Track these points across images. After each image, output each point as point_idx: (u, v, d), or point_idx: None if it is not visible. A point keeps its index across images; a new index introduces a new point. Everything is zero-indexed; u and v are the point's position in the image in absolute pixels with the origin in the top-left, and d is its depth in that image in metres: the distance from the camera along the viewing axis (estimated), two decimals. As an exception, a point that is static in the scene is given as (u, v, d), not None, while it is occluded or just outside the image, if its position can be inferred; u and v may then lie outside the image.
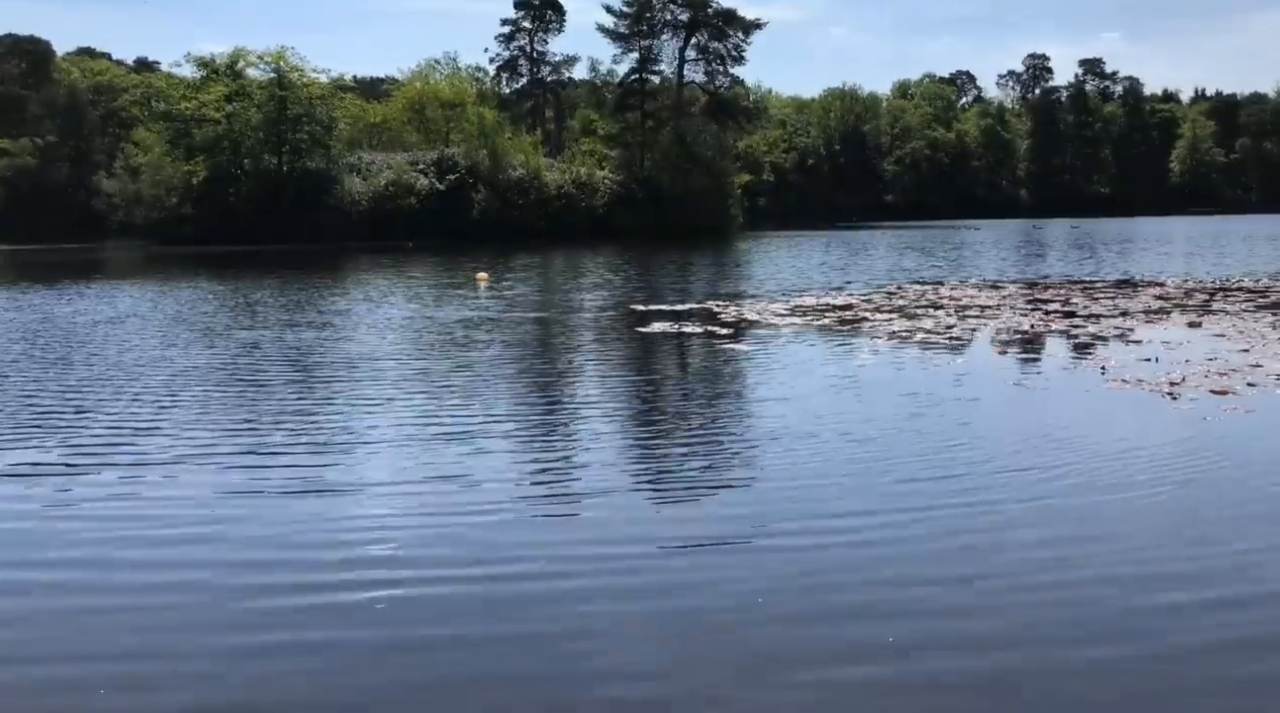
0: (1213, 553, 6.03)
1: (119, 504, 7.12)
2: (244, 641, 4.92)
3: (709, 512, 6.97)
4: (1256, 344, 13.60)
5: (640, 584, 5.66)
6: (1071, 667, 4.61)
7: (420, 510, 6.93)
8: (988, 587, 5.55)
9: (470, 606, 5.37)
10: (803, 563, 5.90)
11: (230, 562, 5.99)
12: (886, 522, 6.58)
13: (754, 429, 9.30)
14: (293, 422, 9.76)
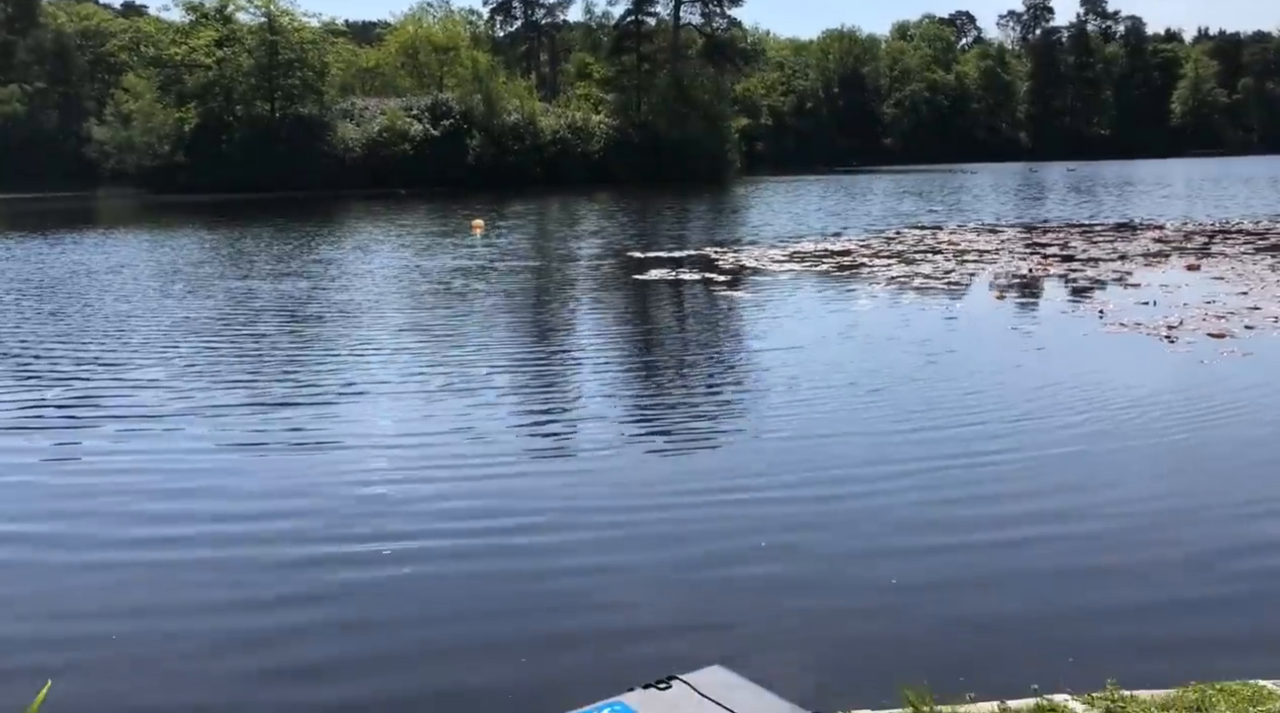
0: (1211, 498, 6.07)
1: (120, 458, 7.14)
2: (251, 593, 4.94)
3: (710, 460, 6.99)
4: (1255, 287, 13.59)
5: (642, 532, 5.69)
6: (1071, 610, 4.66)
7: (421, 461, 6.95)
8: (987, 531, 5.60)
9: (473, 553, 5.40)
10: (804, 509, 5.94)
11: (234, 514, 6.01)
12: (886, 470, 6.60)
13: (753, 377, 9.31)
14: (290, 373, 9.75)
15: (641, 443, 7.28)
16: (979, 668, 3.94)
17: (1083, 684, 3.30)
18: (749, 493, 6.19)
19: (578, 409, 8.31)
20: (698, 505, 5.99)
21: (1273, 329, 10.73)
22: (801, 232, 24.09)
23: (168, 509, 6.11)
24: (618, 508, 6.05)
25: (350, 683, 4.00)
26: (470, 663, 4.22)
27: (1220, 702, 3.14)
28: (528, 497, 6.20)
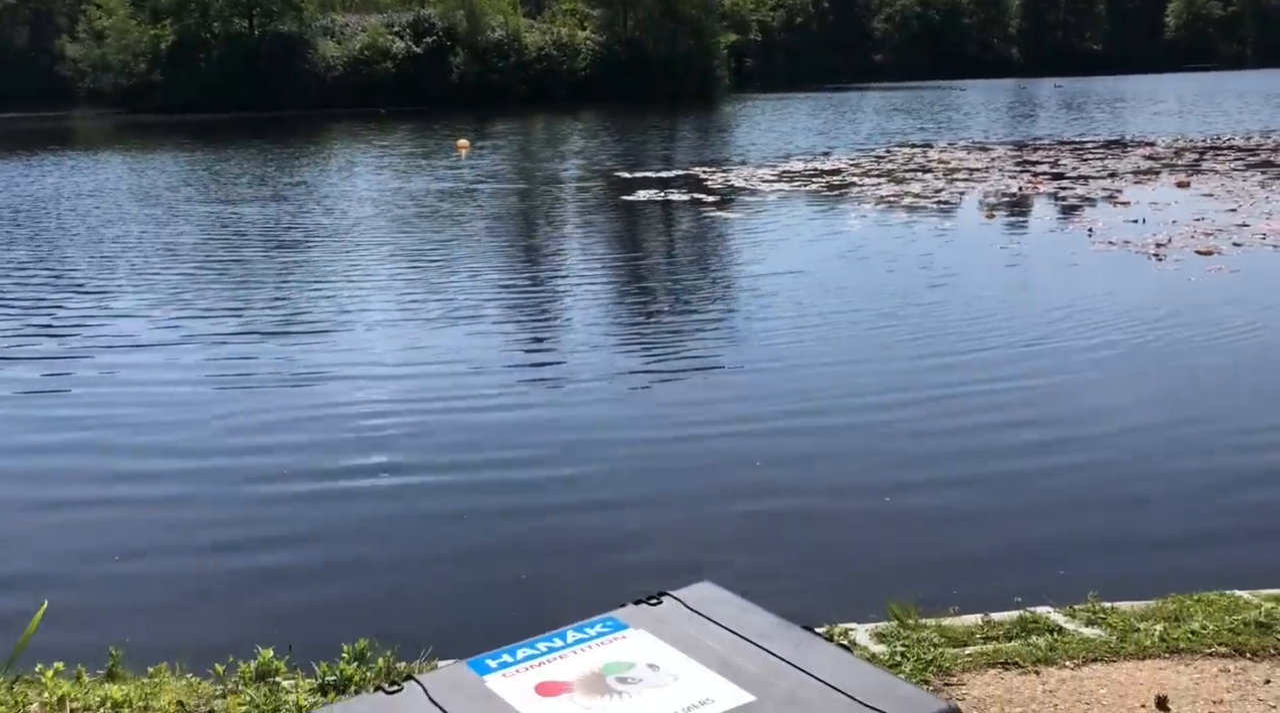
0: (1193, 417, 6.14)
1: (107, 390, 7.08)
2: (242, 525, 4.92)
3: (700, 385, 7.01)
4: (1244, 204, 13.56)
5: (634, 456, 5.73)
6: (1056, 529, 4.73)
7: (411, 388, 6.95)
8: (973, 453, 5.66)
9: (465, 479, 5.42)
10: (794, 432, 5.97)
11: (223, 447, 5.96)
12: (875, 394, 6.64)
13: (743, 302, 9.30)
14: (276, 300, 9.69)
15: (632, 369, 7.29)
16: (964, 584, 4.02)
17: (1065, 598, 3.36)
18: (741, 418, 6.22)
19: (568, 336, 8.30)
20: (689, 430, 6.02)
21: (1260, 246, 10.74)
22: (791, 150, 23.84)
23: (156, 441, 6.07)
24: (610, 433, 6.08)
25: (344, 612, 4.03)
26: (465, 583, 4.28)
27: (1198, 611, 3.21)
28: (519, 422, 6.22)
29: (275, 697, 2.65)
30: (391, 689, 1.70)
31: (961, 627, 3.16)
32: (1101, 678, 2.83)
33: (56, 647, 2.95)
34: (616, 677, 1.70)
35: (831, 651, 1.79)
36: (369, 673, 2.78)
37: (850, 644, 2.99)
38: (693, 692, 1.64)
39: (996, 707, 2.68)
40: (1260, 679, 2.82)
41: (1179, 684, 2.79)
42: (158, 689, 2.73)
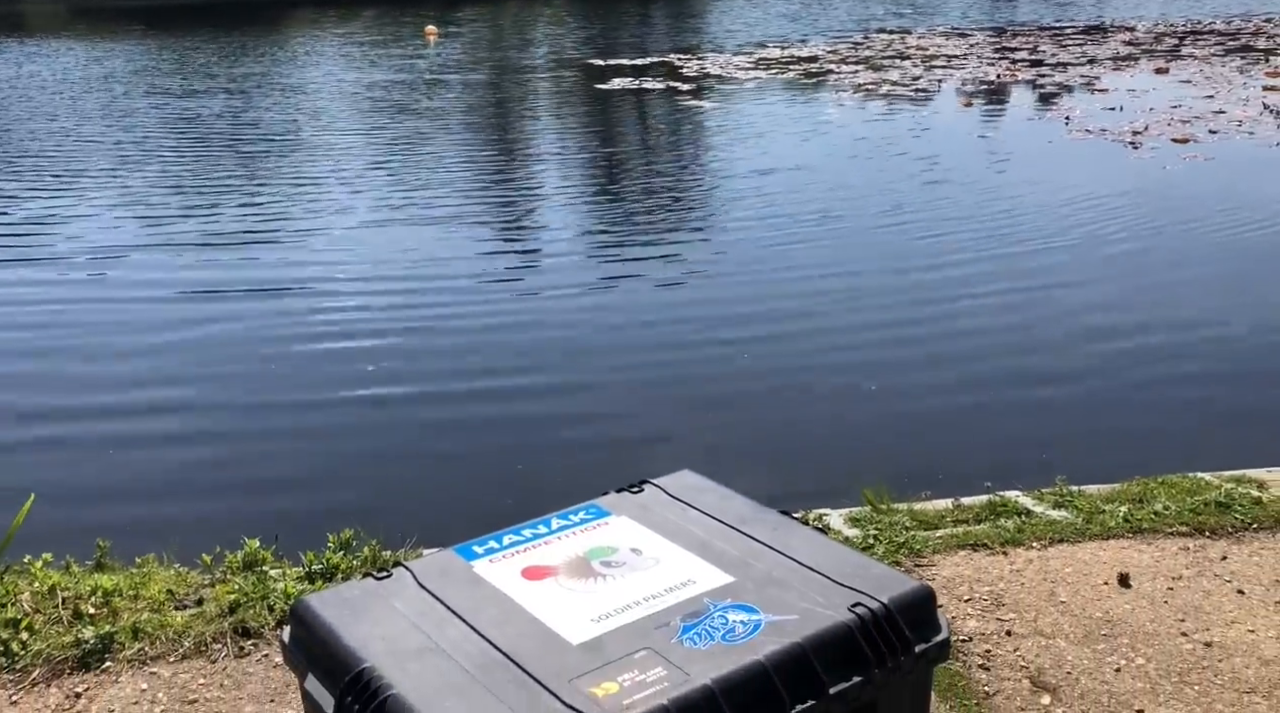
0: (1161, 304, 6.22)
1: (80, 307, 6.92)
2: (225, 428, 4.91)
3: (680, 279, 7.00)
4: (1221, 90, 13.47)
5: (612, 351, 5.75)
6: (1026, 417, 4.83)
7: (386, 287, 6.87)
8: (948, 340, 5.72)
9: (445, 375, 5.43)
10: (774, 329, 5.99)
11: (203, 352, 5.91)
12: (853, 284, 6.67)
13: (721, 194, 9.23)
14: (242, 202, 9.49)
15: (610, 265, 7.26)
16: (937, 471, 4.11)
17: (1034, 483, 3.46)
18: (719, 312, 6.24)
19: (544, 232, 8.22)
20: (667, 325, 6.05)
21: (1236, 133, 10.71)
22: (766, 37, 23.32)
23: (133, 344, 6.01)
24: (588, 329, 6.09)
25: (328, 507, 4.07)
26: (449, 478, 4.34)
27: (1161, 493, 3.31)
28: (497, 320, 6.21)
29: (264, 585, 2.70)
30: (380, 575, 1.74)
31: (933, 511, 3.25)
32: (1067, 558, 2.93)
33: (43, 539, 2.98)
34: (601, 561, 1.74)
35: (807, 534, 1.84)
36: (355, 562, 2.84)
37: (825, 528, 3.07)
38: (674, 574, 1.69)
39: (965, 586, 2.77)
40: (1218, 556, 2.93)
41: (1141, 562, 2.89)
42: (147, 579, 2.78)
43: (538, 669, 1.46)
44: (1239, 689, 2.35)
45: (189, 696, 2.34)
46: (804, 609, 1.59)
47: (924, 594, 1.66)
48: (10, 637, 2.51)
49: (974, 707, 2.28)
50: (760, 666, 1.47)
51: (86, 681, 2.39)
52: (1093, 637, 2.54)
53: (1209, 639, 2.53)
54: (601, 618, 1.57)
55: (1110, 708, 2.28)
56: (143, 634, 2.53)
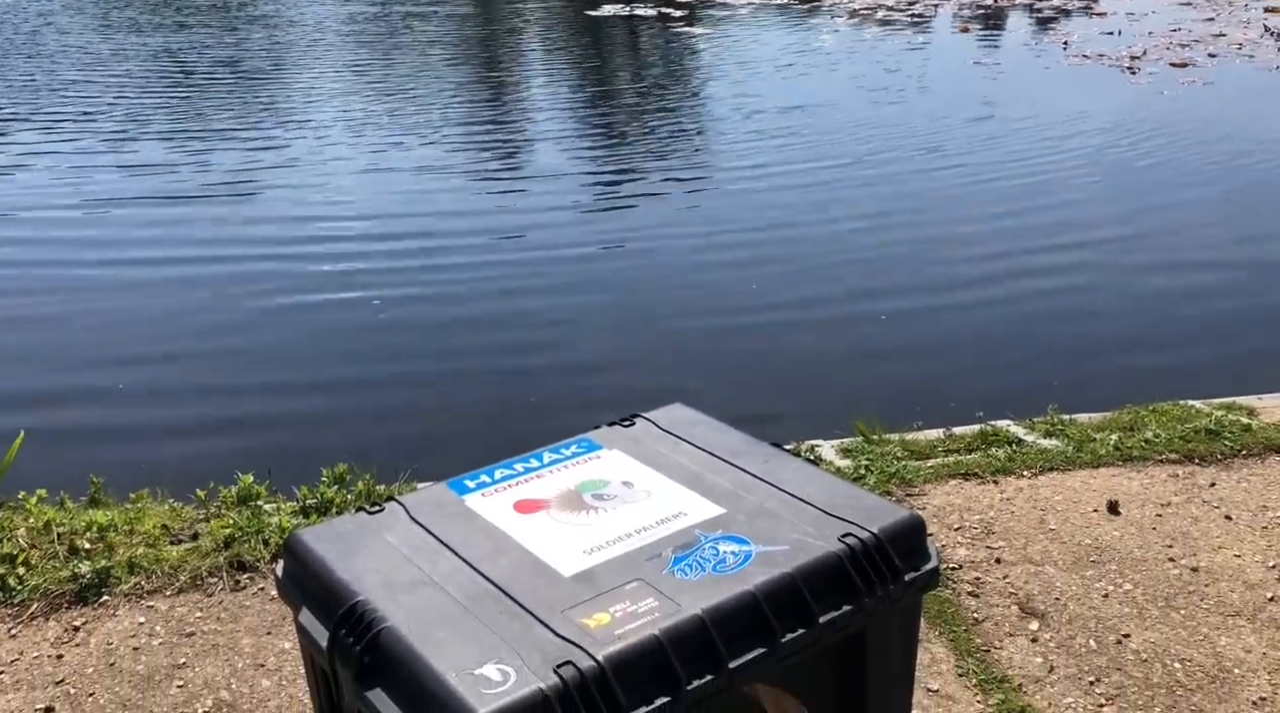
0: (1153, 230, 6.19)
1: (65, 214, 6.91)
2: (214, 362, 4.89)
3: (674, 207, 6.94)
4: (1222, 12, 13.27)
5: (603, 281, 5.72)
6: (1018, 346, 4.83)
7: (374, 221, 6.80)
8: (942, 268, 5.70)
9: (435, 314, 5.38)
10: (767, 260, 5.94)
11: (191, 283, 5.91)
12: (848, 212, 6.62)
13: (715, 122, 9.11)
14: (230, 128, 9.37)
15: (602, 198, 7.19)
16: (928, 401, 4.12)
17: (1025, 411, 3.47)
18: (712, 242, 6.19)
19: (534, 161, 8.13)
20: (660, 256, 6.01)
21: (1236, 57, 10.57)
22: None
23: (116, 276, 5.96)
24: (579, 262, 6.04)
25: (320, 441, 4.06)
26: (440, 412, 4.33)
27: (1151, 421, 3.32)
28: (488, 252, 6.16)
29: (258, 519, 2.71)
30: (373, 510, 1.74)
31: (924, 441, 3.26)
32: (1057, 486, 2.95)
33: (36, 475, 2.99)
34: (592, 494, 1.74)
35: (799, 465, 1.84)
36: (349, 496, 2.85)
37: (817, 460, 3.09)
38: (666, 506, 1.70)
39: (956, 515, 2.80)
40: (1206, 483, 2.96)
41: (1130, 490, 2.91)
42: (141, 514, 2.79)
43: (529, 601, 1.47)
44: (1224, 613, 2.38)
45: (186, 628, 2.36)
46: (795, 540, 1.60)
47: (914, 524, 1.67)
48: (7, 572, 2.52)
49: (963, 633, 2.31)
50: (751, 596, 1.48)
51: (84, 614, 2.41)
52: (1081, 563, 2.57)
53: (1196, 565, 2.56)
54: (593, 550, 1.58)
55: (1097, 633, 2.32)
56: (139, 569, 2.54)
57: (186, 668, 2.23)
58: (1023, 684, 2.16)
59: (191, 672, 2.22)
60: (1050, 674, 2.19)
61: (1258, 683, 2.16)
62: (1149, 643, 2.28)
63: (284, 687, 2.16)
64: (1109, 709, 2.09)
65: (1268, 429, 3.22)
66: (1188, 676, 2.18)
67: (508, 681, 1.33)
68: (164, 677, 2.21)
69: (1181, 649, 2.26)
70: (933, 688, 2.14)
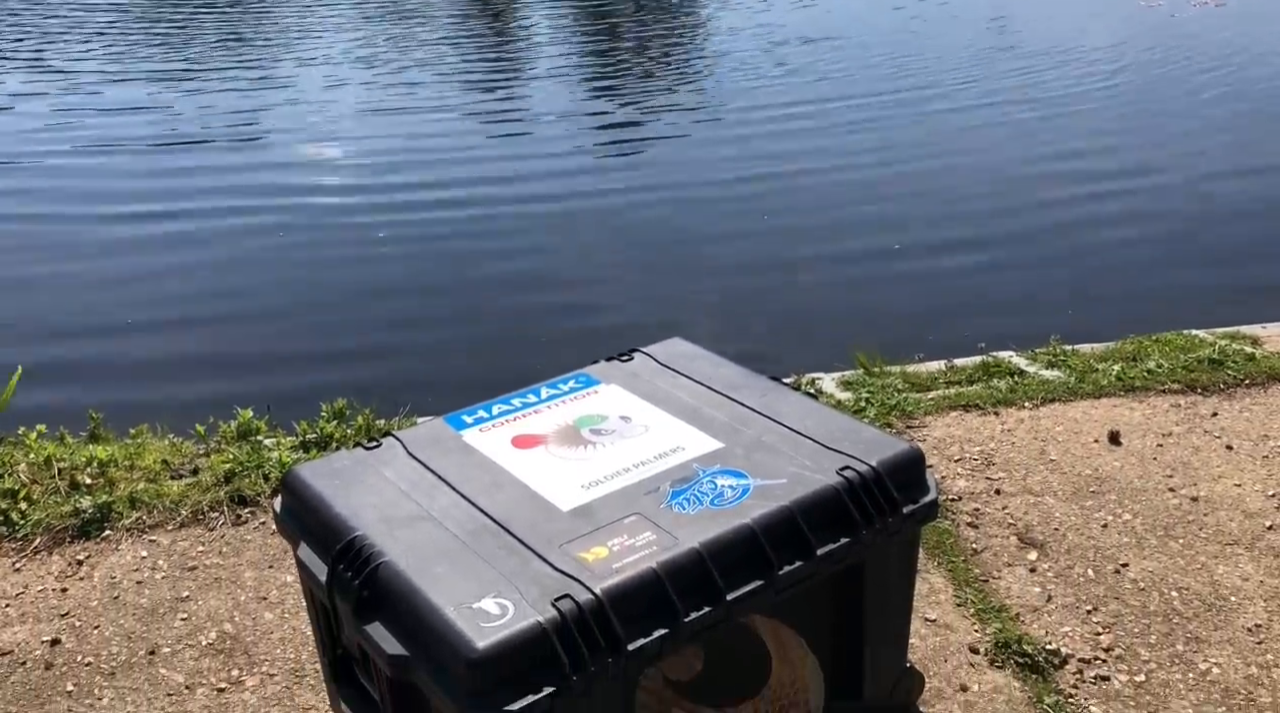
0: (1160, 157, 6.11)
1: (55, 147, 6.84)
2: (210, 294, 4.87)
3: (672, 145, 6.85)
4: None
5: (605, 216, 5.67)
6: (1020, 276, 4.79)
7: (373, 155, 6.73)
8: (942, 201, 5.64)
9: (435, 249, 5.33)
10: (766, 192, 5.88)
11: (188, 208, 5.85)
12: (849, 144, 6.53)
13: (714, 54, 8.94)
14: (226, 62, 9.21)
15: (602, 130, 7.10)
16: (930, 333, 4.10)
17: (1027, 342, 3.45)
18: (709, 176, 6.12)
19: (533, 100, 7.99)
20: (658, 190, 5.94)
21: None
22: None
23: (112, 211, 5.91)
24: (578, 197, 5.97)
25: (319, 376, 4.06)
26: (439, 347, 4.32)
27: (1154, 351, 3.30)
28: (487, 190, 6.08)
29: (258, 454, 2.72)
30: (371, 445, 1.74)
31: (925, 373, 3.25)
32: (1058, 417, 2.94)
33: (33, 414, 2.98)
34: (590, 429, 1.73)
35: (797, 399, 1.83)
36: (348, 431, 2.85)
37: (817, 393, 3.08)
38: (664, 441, 1.69)
39: (956, 446, 2.80)
40: (1208, 412, 2.95)
41: (1131, 420, 2.91)
42: (141, 449, 2.79)
43: (528, 535, 1.47)
44: (1222, 542, 2.39)
45: (189, 562, 2.37)
46: (793, 474, 1.59)
47: (913, 456, 1.66)
48: (9, 507, 2.53)
49: (961, 564, 2.33)
50: (748, 529, 1.48)
51: (87, 548, 2.43)
52: (1081, 494, 2.57)
53: (1196, 494, 2.57)
54: (591, 485, 1.58)
55: (1095, 562, 2.33)
56: (140, 503, 2.55)
57: (190, 601, 2.25)
58: (1020, 614, 2.17)
59: (194, 605, 2.24)
60: (1048, 604, 2.20)
61: (1253, 610, 2.17)
62: (1147, 572, 2.29)
63: (286, 619, 2.18)
64: (1106, 637, 2.10)
65: (1271, 358, 3.21)
66: (1184, 604, 2.20)
67: (506, 614, 1.33)
68: (167, 610, 2.22)
69: (1179, 578, 2.27)
70: (930, 618, 2.15)
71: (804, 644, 1.63)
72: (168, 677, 2.04)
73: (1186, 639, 2.10)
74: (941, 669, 2.02)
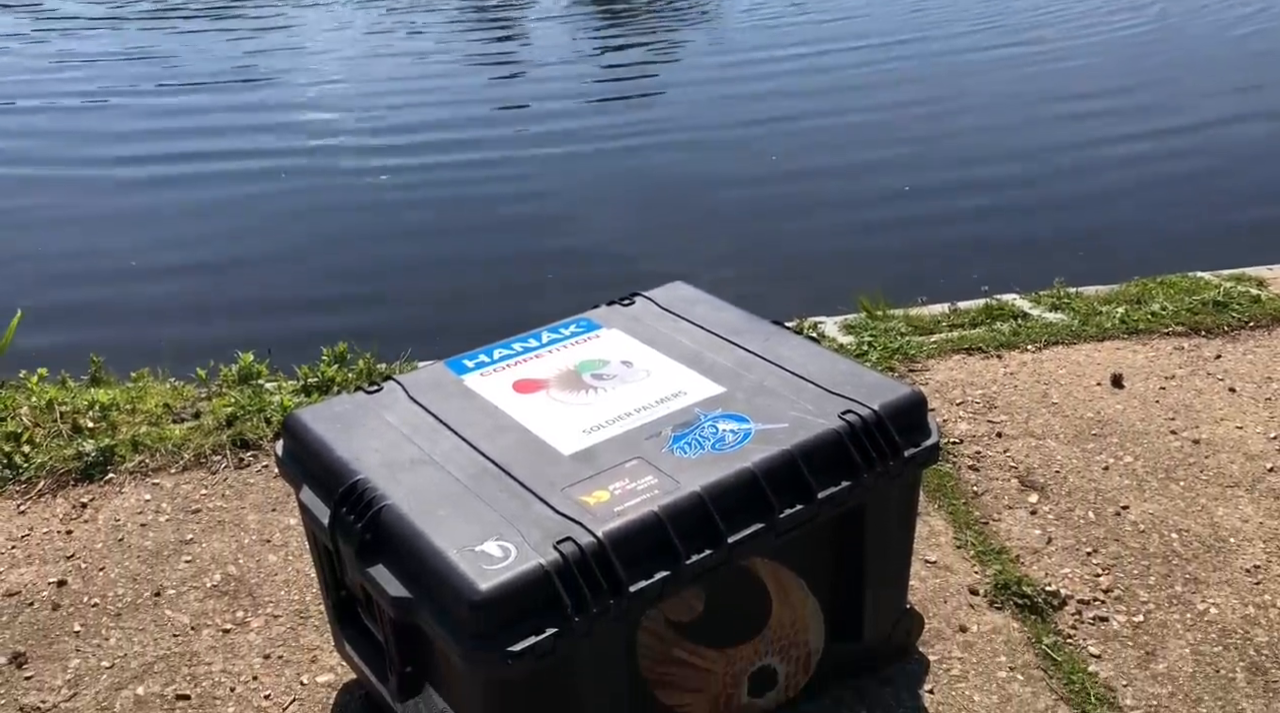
0: (1164, 92, 6.04)
1: (47, 82, 6.76)
2: (209, 236, 4.85)
3: (673, 89, 6.76)
4: None
5: (605, 159, 5.61)
6: (1024, 218, 4.76)
7: (374, 99, 6.63)
8: (944, 142, 5.58)
9: (435, 194, 5.28)
10: (767, 136, 5.80)
11: (181, 149, 5.81)
12: (849, 87, 6.45)
13: None
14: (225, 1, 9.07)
15: (604, 69, 7.00)
16: (934, 276, 4.08)
17: (1031, 285, 3.43)
18: (715, 118, 6.05)
19: (534, 42, 7.88)
20: (658, 135, 5.87)
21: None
22: None
23: (109, 160, 5.87)
24: (579, 140, 5.90)
25: (319, 320, 4.04)
26: (439, 293, 4.29)
27: (1159, 293, 3.29)
28: (488, 133, 6.02)
29: (260, 398, 2.72)
30: (372, 389, 1.73)
31: (928, 316, 3.23)
32: (1061, 359, 2.93)
33: (33, 357, 2.98)
34: (591, 374, 1.73)
35: (799, 343, 1.82)
36: (350, 375, 2.84)
37: (819, 337, 3.07)
38: (665, 385, 1.68)
39: (958, 390, 2.79)
40: (1212, 355, 2.94)
41: (1135, 363, 2.90)
42: (143, 393, 2.79)
43: (529, 479, 1.47)
44: (1223, 484, 2.39)
45: (192, 505, 2.38)
46: (794, 418, 1.59)
47: (915, 400, 1.65)
48: (13, 450, 2.54)
49: (962, 506, 2.33)
50: (749, 473, 1.48)
51: (91, 491, 2.44)
52: (1083, 437, 2.57)
53: (1198, 437, 2.57)
54: (592, 429, 1.57)
55: (1096, 505, 2.33)
56: (143, 447, 2.56)
57: (194, 544, 2.26)
58: (1020, 555, 2.18)
59: (199, 547, 2.25)
60: (1048, 546, 2.21)
61: (1252, 552, 2.18)
62: (1147, 514, 2.30)
63: (290, 562, 2.20)
64: (1105, 579, 2.11)
65: (1276, 300, 3.19)
66: (1184, 545, 2.21)
67: (508, 557, 1.33)
68: (172, 552, 2.24)
69: (1179, 520, 2.28)
70: (930, 560, 2.17)
71: (804, 586, 1.64)
72: (173, 618, 2.06)
73: (1185, 580, 2.11)
74: (941, 611, 2.03)
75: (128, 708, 1.86)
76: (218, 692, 1.88)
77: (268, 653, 1.96)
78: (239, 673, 1.92)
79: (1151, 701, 1.84)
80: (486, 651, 1.28)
